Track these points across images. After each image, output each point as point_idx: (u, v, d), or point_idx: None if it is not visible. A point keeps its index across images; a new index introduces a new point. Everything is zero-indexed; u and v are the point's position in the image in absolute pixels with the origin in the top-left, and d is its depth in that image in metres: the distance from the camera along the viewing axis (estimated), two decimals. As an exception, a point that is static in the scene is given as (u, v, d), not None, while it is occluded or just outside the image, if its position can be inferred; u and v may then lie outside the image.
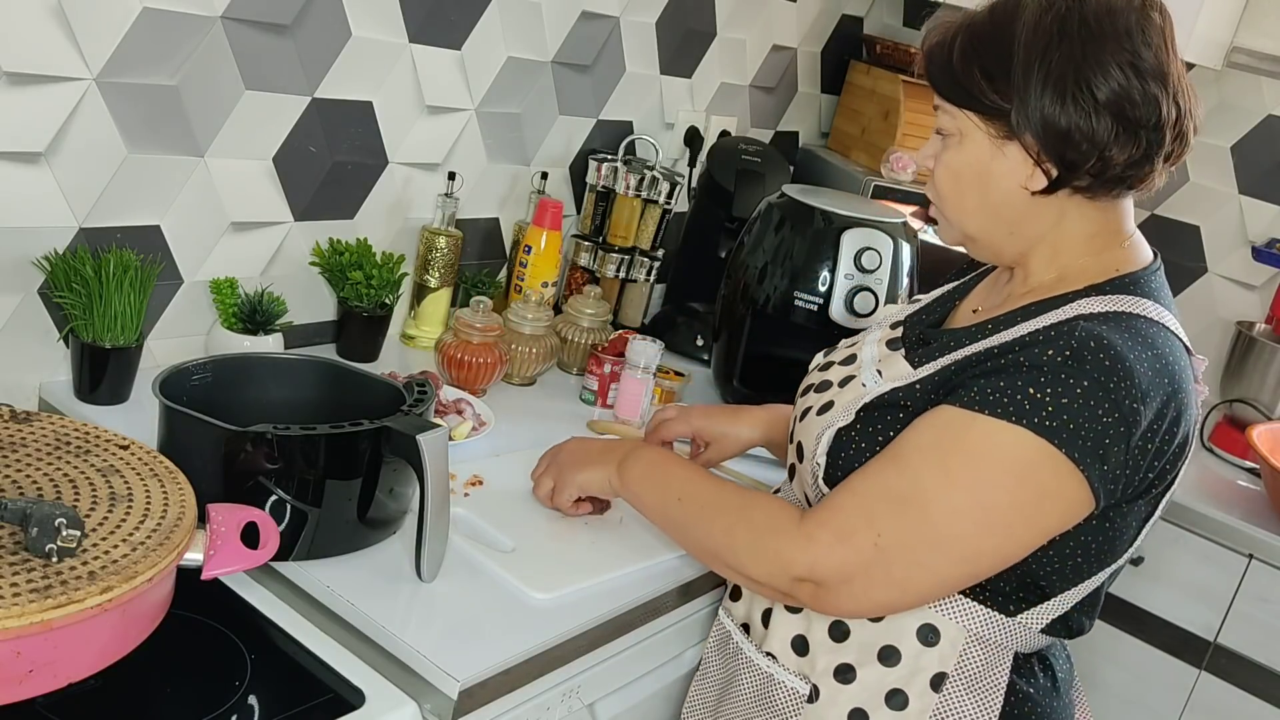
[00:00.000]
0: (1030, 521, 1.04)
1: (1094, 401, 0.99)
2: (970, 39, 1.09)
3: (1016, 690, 1.14)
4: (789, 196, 1.84)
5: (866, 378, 1.19)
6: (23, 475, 1.01)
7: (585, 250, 2.09)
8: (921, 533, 1.04)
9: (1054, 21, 1.05)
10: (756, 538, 1.11)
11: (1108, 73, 1.04)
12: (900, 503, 1.04)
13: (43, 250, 1.40)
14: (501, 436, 1.59)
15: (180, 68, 1.45)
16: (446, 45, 1.78)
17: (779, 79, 2.53)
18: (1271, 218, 2.46)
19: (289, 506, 1.16)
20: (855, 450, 1.13)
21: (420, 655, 1.09)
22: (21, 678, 0.85)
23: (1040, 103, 1.05)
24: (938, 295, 1.32)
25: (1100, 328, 1.03)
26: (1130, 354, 1.02)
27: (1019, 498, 1.02)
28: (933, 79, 1.13)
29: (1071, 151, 1.06)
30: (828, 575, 1.06)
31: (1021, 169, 1.09)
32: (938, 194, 1.16)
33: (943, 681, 1.13)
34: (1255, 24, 2.29)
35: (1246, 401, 2.21)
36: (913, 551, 1.04)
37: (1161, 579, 2.03)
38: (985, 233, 1.15)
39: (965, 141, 1.11)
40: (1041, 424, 1.00)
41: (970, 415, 1.03)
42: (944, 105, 1.12)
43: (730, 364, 1.89)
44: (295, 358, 1.37)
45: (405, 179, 1.82)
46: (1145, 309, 1.08)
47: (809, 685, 1.18)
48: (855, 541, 1.05)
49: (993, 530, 1.04)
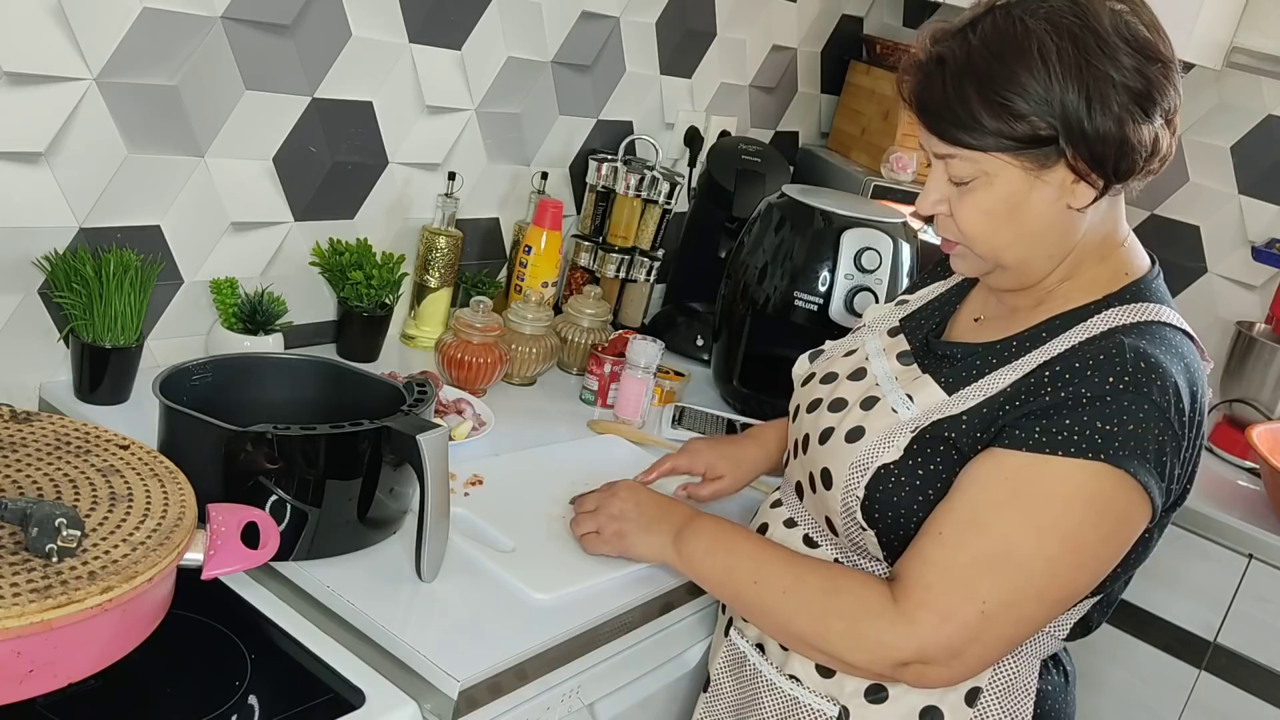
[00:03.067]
0: (1115, 549, 1.05)
1: (1153, 422, 1.00)
2: (985, 81, 1.03)
3: (1038, 692, 1.15)
4: (789, 196, 1.84)
5: (894, 400, 1.15)
6: (23, 475, 1.01)
7: (585, 250, 2.09)
8: (1024, 590, 1.02)
9: (1061, 38, 1.02)
10: (851, 626, 1.07)
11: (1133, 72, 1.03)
12: (996, 566, 1.02)
13: (43, 250, 1.40)
14: (501, 436, 1.59)
15: (180, 68, 1.45)
16: (446, 45, 1.78)
17: (779, 79, 2.54)
18: (1271, 218, 2.46)
19: (289, 506, 1.16)
20: (895, 484, 1.10)
21: (420, 655, 1.09)
22: (21, 678, 0.85)
23: (1080, 118, 1.02)
24: (932, 298, 1.30)
25: (1141, 343, 1.03)
26: (1173, 369, 1.03)
27: (1105, 530, 1.03)
28: (944, 131, 1.06)
29: (1124, 160, 1.04)
30: (938, 655, 1.03)
31: (1064, 190, 1.06)
32: (966, 236, 1.10)
33: (978, 696, 1.12)
34: (1255, 24, 2.29)
35: (1246, 401, 2.21)
36: (1019, 608, 1.03)
37: (1161, 579, 2.03)
38: (1023, 260, 1.10)
39: (995, 181, 1.06)
40: (1116, 454, 1.00)
41: (1042, 459, 1.02)
42: (961, 154, 1.06)
43: (730, 364, 1.89)
44: (295, 358, 1.36)
45: (405, 179, 1.82)
46: (1168, 316, 1.09)
47: (838, 707, 1.16)
48: (961, 617, 1.02)
49: (1087, 567, 1.04)
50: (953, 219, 1.11)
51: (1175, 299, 1.16)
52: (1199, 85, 2.52)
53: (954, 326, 1.24)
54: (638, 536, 1.27)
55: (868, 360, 1.24)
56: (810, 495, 1.22)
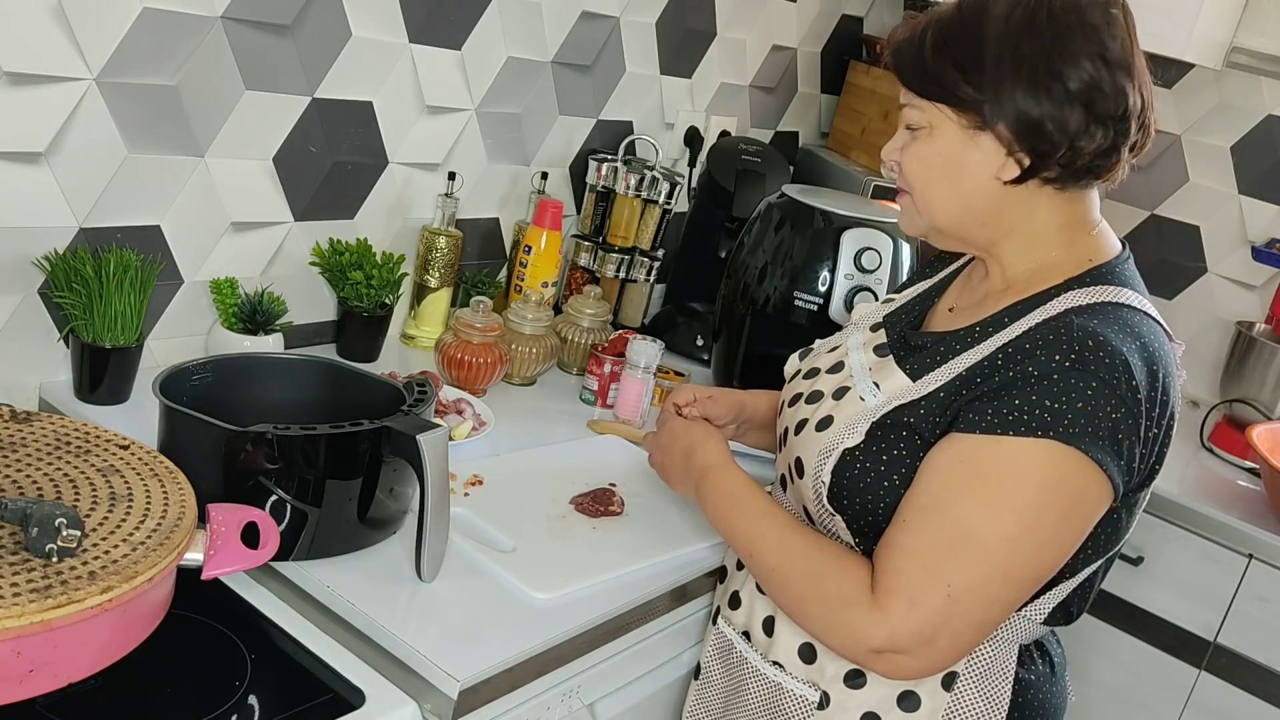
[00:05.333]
0: (1074, 527, 1.06)
1: (1103, 400, 1.01)
2: (940, 34, 1.10)
3: (1019, 679, 1.16)
4: (789, 196, 1.84)
5: (863, 389, 1.18)
6: (23, 475, 1.01)
7: (585, 250, 2.09)
8: (988, 571, 1.03)
9: (1024, 15, 1.08)
10: (828, 611, 1.09)
11: (1078, 64, 1.06)
12: (957, 548, 1.03)
13: (43, 250, 1.40)
14: (501, 436, 1.59)
15: (180, 68, 1.45)
16: (446, 45, 1.78)
17: (779, 79, 2.54)
18: (1271, 218, 2.46)
19: (289, 506, 1.16)
20: (860, 470, 1.13)
21: (420, 655, 1.09)
22: (21, 678, 0.85)
23: (1013, 93, 1.07)
24: (914, 294, 1.32)
25: (1092, 323, 1.05)
26: (1124, 347, 1.04)
27: (1061, 507, 1.03)
28: (902, 74, 1.14)
29: (1043, 142, 1.08)
30: (908, 642, 1.04)
31: (993, 160, 1.10)
32: (908, 184, 1.16)
33: (954, 680, 1.13)
34: (1255, 24, 2.29)
35: (1246, 401, 2.21)
36: (984, 590, 1.03)
37: (1161, 579, 2.03)
38: (955, 223, 1.15)
39: (936, 133, 1.12)
40: (1065, 431, 1.01)
41: (993, 440, 1.03)
42: (913, 100, 1.13)
43: (730, 364, 1.89)
44: (295, 358, 1.36)
45: (405, 179, 1.82)
46: (1127, 298, 1.11)
47: (819, 692, 1.17)
48: (928, 601, 1.03)
49: (1047, 545, 1.04)
50: (902, 168, 1.17)
51: (1175, 299, 1.17)
52: (1199, 85, 2.52)
53: (931, 319, 1.26)
54: (673, 478, 1.33)
55: (847, 355, 1.26)
56: (791, 486, 1.24)
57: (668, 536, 1.42)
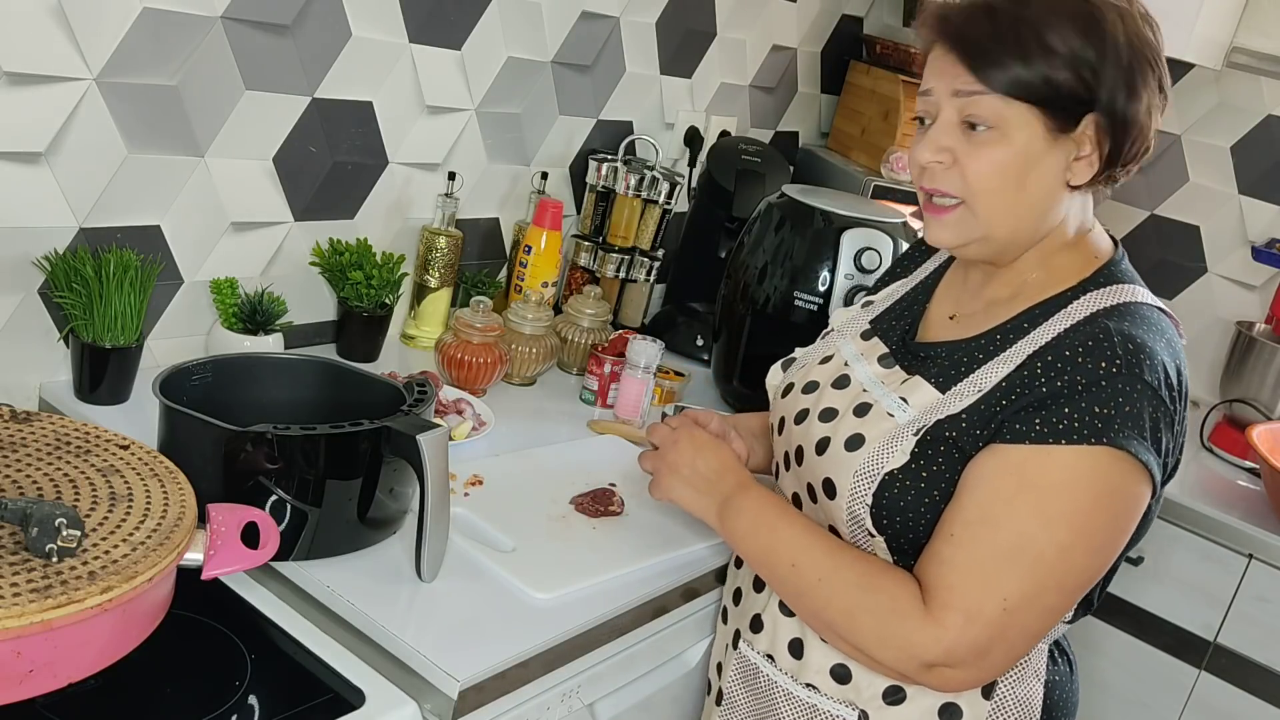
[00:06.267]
0: (1124, 529, 1.06)
1: (1146, 400, 1.02)
2: (1037, 27, 1.03)
3: (1046, 681, 1.16)
4: (789, 196, 1.84)
5: (889, 405, 1.15)
6: (23, 475, 1.01)
7: (585, 250, 2.09)
8: (1043, 581, 1.02)
9: (1119, 17, 1.05)
10: (881, 624, 1.06)
11: (1157, 66, 1.07)
12: (1013, 560, 1.02)
13: (43, 250, 1.40)
14: (501, 436, 1.59)
15: (180, 68, 1.45)
16: (446, 45, 1.78)
17: (779, 79, 2.53)
18: (1271, 218, 2.46)
19: (289, 506, 1.16)
20: (901, 489, 1.10)
21: (420, 655, 1.09)
22: (21, 678, 0.85)
23: (1127, 94, 1.05)
24: (898, 298, 1.30)
25: (1125, 326, 1.05)
26: (1157, 347, 1.05)
27: (1113, 512, 1.04)
28: (986, 66, 1.04)
29: (1132, 145, 1.07)
30: (964, 656, 1.03)
31: (1065, 162, 1.07)
32: (972, 190, 1.07)
33: (994, 688, 1.13)
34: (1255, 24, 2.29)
35: (1246, 401, 2.21)
36: (1040, 600, 1.03)
37: (1161, 579, 2.03)
38: (1014, 233, 1.10)
39: (1015, 133, 1.05)
40: (1115, 436, 1.01)
41: (1044, 450, 1.02)
42: (988, 94, 1.04)
43: (730, 364, 1.89)
44: (295, 358, 1.36)
45: (405, 179, 1.82)
46: (1142, 295, 1.12)
47: (856, 712, 1.15)
48: (986, 615, 1.02)
49: (1100, 551, 1.05)
50: (957, 170, 1.08)
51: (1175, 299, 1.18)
52: (1199, 85, 2.52)
53: (927, 326, 1.24)
54: (686, 492, 1.26)
55: (847, 366, 1.23)
56: (810, 505, 1.21)
57: (668, 536, 1.42)
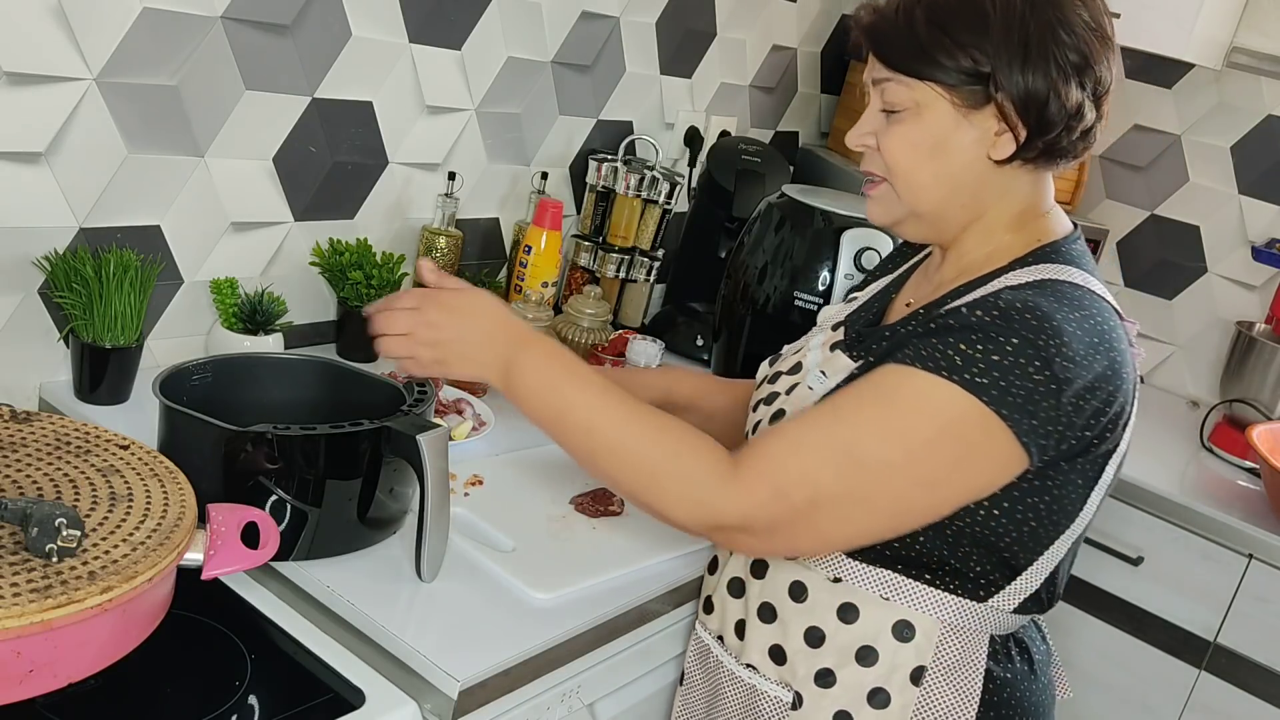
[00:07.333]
0: (957, 477, 1.04)
1: (1024, 359, 1.00)
2: (934, 9, 1.07)
3: (994, 677, 1.14)
4: (789, 196, 1.84)
5: (812, 381, 1.19)
6: (23, 475, 1.01)
7: (585, 250, 2.09)
8: (855, 488, 1.03)
9: None
10: (686, 488, 1.05)
11: (1077, 36, 1.06)
12: (838, 458, 1.03)
13: (43, 250, 1.40)
14: (501, 436, 1.59)
15: (180, 68, 1.45)
16: (446, 45, 1.78)
17: (779, 79, 2.54)
18: (1271, 218, 2.46)
19: (289, 506, 1.16)
20: None
21: (420, 655, 1.09)
22: (21, 678, 0.85)
23: (1021, 67, 1.05)
24: (874, 292, 1.32)
25: (1026, 294, 1.04)
26: (1057, 314, 1.02)
27: (948, 453, 1.02)
28: (886, 51, 1.09)
29: (1045, 118, 1.06)
30: (757, 526, 1.04)
31: (985, 137, 1.08)
32: (890, 169, 1.12)
33: (922, 675, 1.13)
34: (1255, 24, 2.29)
35: (1246, 401, 2.21)
36: (844, 507, 1.04)
37: (1161, 579, 2.03)
38: (938, 207, 1.13)
39: (925, 112, 1.08)
40: (970, 380, 1.00)
41: (906, 370, 1.03)
42: (897, 78, 1.09)
43: (730, 364, 1.89)
44: (295, 358, 1.36)
45: (405, 179, 1.82)
46: (1069, 275, 1.09)
47: (791, 693, 1.17)
48: (792, 498, 1.03)
49: (927, 486, 1.04)
50: (880, 152, 1.12)
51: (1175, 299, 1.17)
52: (1199, 85, 2.52)
53: (889, 314, 1.26)
54: (458, 365, 1.14)
55: (805, 355, 1.26)
56: None
57: (668, 537, 1.42)
